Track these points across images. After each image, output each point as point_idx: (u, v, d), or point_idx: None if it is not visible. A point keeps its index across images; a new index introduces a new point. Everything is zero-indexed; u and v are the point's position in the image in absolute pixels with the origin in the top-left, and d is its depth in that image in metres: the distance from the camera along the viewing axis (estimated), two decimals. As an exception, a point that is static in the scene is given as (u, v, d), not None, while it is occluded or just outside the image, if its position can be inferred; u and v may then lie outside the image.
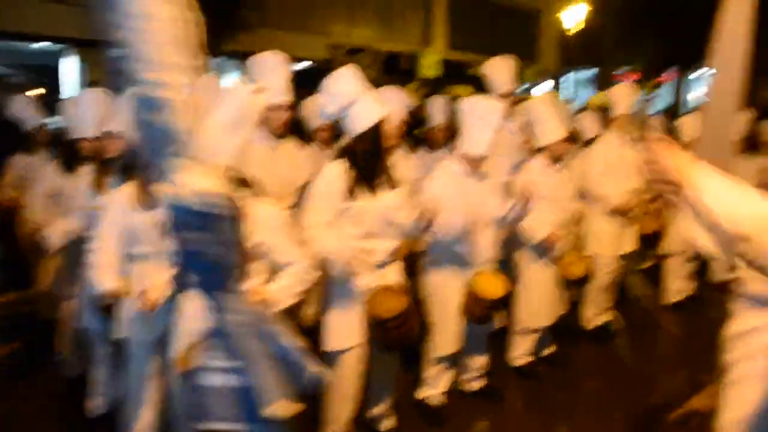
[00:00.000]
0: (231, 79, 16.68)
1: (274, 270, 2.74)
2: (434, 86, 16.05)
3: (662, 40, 19.87)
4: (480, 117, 3.84)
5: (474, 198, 3.90)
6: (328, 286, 3.50)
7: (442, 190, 3.83)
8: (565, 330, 5.28)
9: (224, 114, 2.42)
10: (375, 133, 3.31)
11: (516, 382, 4.74)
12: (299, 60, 16.41)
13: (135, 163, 3.28)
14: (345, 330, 3.42)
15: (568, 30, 19.76)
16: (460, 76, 16.55)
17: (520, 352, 4.84)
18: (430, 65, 18.53)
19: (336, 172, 3.32)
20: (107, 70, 14.97)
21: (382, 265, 3.45)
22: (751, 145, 6.31)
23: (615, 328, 5.82)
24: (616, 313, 5.94)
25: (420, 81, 17.98)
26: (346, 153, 3.38)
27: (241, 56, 4.19)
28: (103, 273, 3.14)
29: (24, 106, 5.60)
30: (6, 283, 6.73)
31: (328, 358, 3.43)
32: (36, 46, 14.66)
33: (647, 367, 5.06)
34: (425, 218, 3.47)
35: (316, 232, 3.23)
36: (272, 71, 3.96)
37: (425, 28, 19.69)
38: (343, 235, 3.28)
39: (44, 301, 4.99)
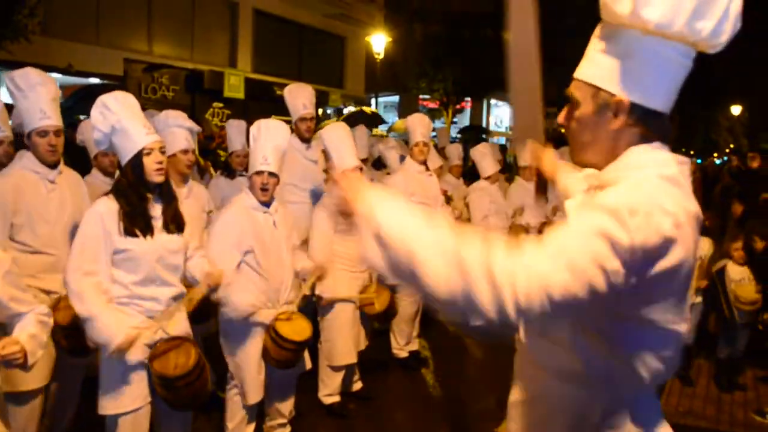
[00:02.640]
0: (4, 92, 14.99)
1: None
2: (238, 107, 15.65)
3: (461, 68, 21.25)
4: (262, 136, 3.63)
5: (267, 233, 3.66)
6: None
7: (232, 229, 3.55)
8: (373, 362, 5.17)
9: None
10: (138, 163, 2.92)
11: (326, 422, 4.53)
12: (91, 75, 15.15)
13: None
14: (126, 391, 2.95)
15: (378, 54, 20.38)
16: (266, 98, 16.29)
17: (329, 391, 4.63)
18: (234, 86, 18.05)
19: (105, 209, 2.90)
20: None
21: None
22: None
23: (423, 356, 5.83)
24: (422, 340, 5.97)
25: (224, 101, 17.48)
26: (115, 187, 2.97)
27: (19, 67, 3.56)
28: None
29: None
30: None
31: (107, 422, 2.98)
32: None
33: (457, 392, 5.10)
34: (214, 281, 3.24)
35: (78, 287, 2.82)
36: (36, 90, 3.43)
37: (231, 48, 19.19)
38: (119, 317, 2.88)
39: None
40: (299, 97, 5.31)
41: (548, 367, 1.61)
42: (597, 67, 1.50)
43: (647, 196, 1.36)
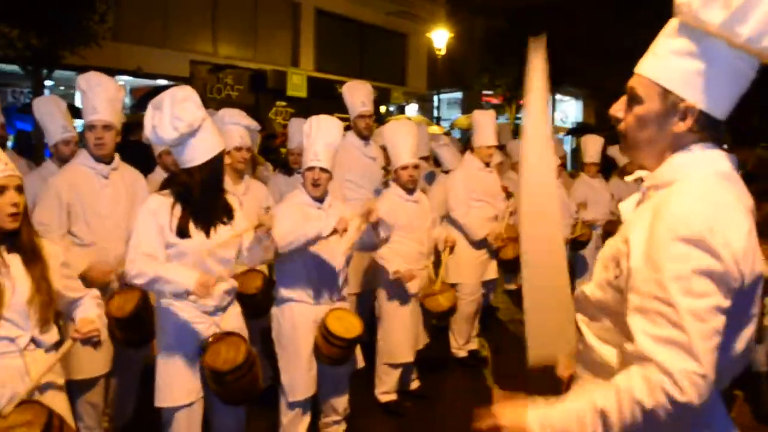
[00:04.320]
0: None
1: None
2: (301, 106, 15.82)
3: (525, 64, 20.82)
4: (315, 133, 3.60)
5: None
6: (158, 336, 3.09)
7: (288, 219, 3.51)
8: (431, 361, 5.10)
9: None
10: (214, 166, 2.95)
11: (382, 420, 4.49)
12: (158, 77, 15.61)
13: None
14: (180, 384, 2.99)
15: (439, 50, 20.24)
16: (328, 96, 16.39)
17: (386, 389, 4.59)
18: (297, 84, 18.25)
19: (157, 205, 2.94)
20: None
21: (217, 310, 3.08)
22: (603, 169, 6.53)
23: (483, 355, 5.72)
24: (482, 340, 5.87)
25: (287, 100, 17.72)
26: (175, 185, 2.98)
27: (88, 71, 3.73)
28: None
29: None
30: None
31: (162, 415, 3.04)
32: None
33: (516, 394, 4.97)
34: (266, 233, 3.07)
35: (136, 267, 2.84)
36: (93, 90, 3.59)
37: (293, 47, 19.42)
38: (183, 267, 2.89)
39: None
40: (357, 94, 5.30)
41: (611, 366, 1.54)
42: (669, 68, 1.46)
43: (711, 202, 1.35)
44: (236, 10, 17.76)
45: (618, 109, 1.59)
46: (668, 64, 1.46)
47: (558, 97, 29.35)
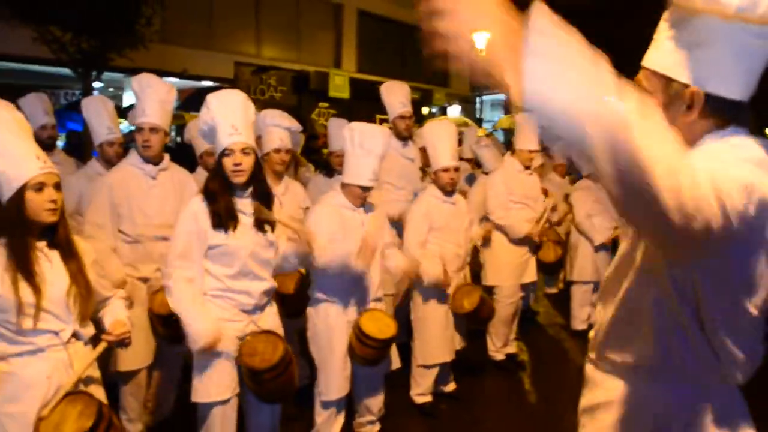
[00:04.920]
0: (128, 96, 16.05)
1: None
2: (343, 107, 15.90)
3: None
4: (361, 145, 3.60)
5: (357, 231, 3.63)
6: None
7: (325, 223, 3.55)
8: (468, 364, 5.08)
9: None
10: (219, 162, 3.03)
11: (417, 422, 4.48)
12: (203, 78, 15.90)
13: None
14: (216, 380, 3.05)
15: (482, 51, 20.08)
16: (370, 97, 16.45)
17: (421, 390, 4.59)
18: (339, 86, 18.37)
19: (198, 208, 3.01)
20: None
21: (255, 309, 3.12)
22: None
23: (521, 359, 5.68)
24: (521, 343, 5.81)
25: (329, 101, 17.83)
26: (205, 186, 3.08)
27: (136, 73, 3.84)
28: None
29: None
30: None
31: (199, 409, 3.11)
32: None
33: (554, 400, 4.92)
34: (304, 244, 3.16)
35: (171, 282, 2.96)
36: (145, 92, 3.68)
37: (335, 49, 19.55)
38: (206, 313, 2.98)
39: None
40: (396, 95, 5.31)
41: (624, 365, 1.50)
42: (668, 56, 1.38)
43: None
44: (279, 12, 17.98)
45: None
46: (667, 52, 1.38)
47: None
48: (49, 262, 2.41)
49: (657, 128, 1.10)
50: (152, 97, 3.69)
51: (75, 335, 2.48)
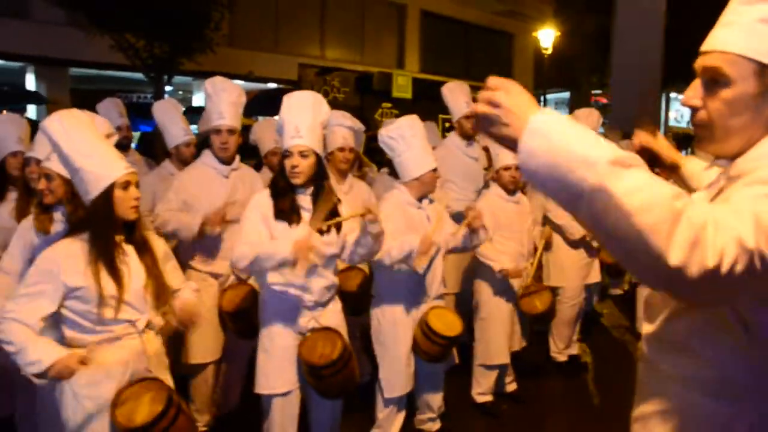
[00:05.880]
0: (197, 98, 16.55)
1: None
2: (406, 107, 15.93)
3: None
4: (404, 137, 3.64)
5: (422, 227, 3.67)
6: (260, 327, 3.25)
7: (391, 220, 3.58)
8: (530, 365, 5.05)
9: None
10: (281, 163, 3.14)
11: (477, 421, 4.48)
12: (269, 80, 16.25)
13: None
14: (277, 373, 3.15)
15: (546, 49, 19.84)
16: (433, 98, 16.46)
17: (482, 390, 4.59)
18: (402, 86, 18.44)
19: (263, 201, 3.12)
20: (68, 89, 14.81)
21: (316, 306, 3.19)
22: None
23: (583, 361, 5.59)
24: (584, 345, 5.73)
25: (392, 102, 17.92)
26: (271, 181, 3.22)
27: (206, 76, 4.00)
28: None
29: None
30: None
31: (262, 401, 3.23)
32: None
33: (616, 402, 4.82)
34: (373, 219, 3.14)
35: (239, 257, 3.02)
36: (219, 95, 3.80)
37: (399, 49, 19.63)
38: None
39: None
40: (460, 95, 5.33)
41: (678, 376, 1.40)
42: (763, 40, 1.25)
43: None
44: (343, 13, 18.21)
45: (693, 96, 1.36)
46: (761, 35, 1.25)
47: (672, 95, 28.01)
48: (127, 257, 2.54)
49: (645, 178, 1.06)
50: (227, 99, 3.81)
51: (149, 325, 2.62)
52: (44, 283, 2.43)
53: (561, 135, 1.11)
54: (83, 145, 2.45)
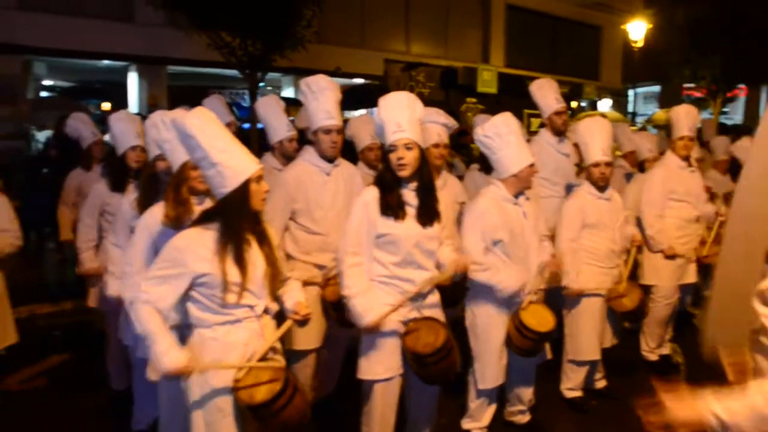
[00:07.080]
0: (285, 94, 17.05)
1: None
2: (491, 102, 15.89)
3: (731, 54, 19.12)
4: (500, 134, 3.71)
5: (518, 223, 3.75)
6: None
7: (487, 216, 3.69)
8: (620, 362, 5.04)
9: None
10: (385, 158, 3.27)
11: (566, 416, 4.54)
12: (355, 76, 16.53)
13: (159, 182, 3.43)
14: (380, 360, 3.31)
15: (635, 42, 19.29)
16: (518, 92, 16.31)
17: (571, 385, 4.64)
18: (487, 81, 18.34)
19: (369, 198, 3.26)
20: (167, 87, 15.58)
21: (418, 297, 3.32)
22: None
23: (675, 361, 5.52)
24: (675, 345, 5.65)
25: (477, 96, 17.85)
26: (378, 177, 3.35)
27: (296, 72, 4.19)
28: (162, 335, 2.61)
29: (81, 123, 5.73)
30: (62, 293, 6.89)
31: (363, 386, 3.39)
32: (102, 63, 15.29)
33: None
34: (460, 268, 3.36)
35: (344, 268, 3.25)
36: (324, 93, 3.92)
37: (483, 44, 19.54)
38: (373, 297, 3.25)
39: (97, 312, 5.03)
40: (551, 92, 5.36)
41: None
42: None
43: None
44: (428, 9, 18.32)
45: None
46: None
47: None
48: (250, 246, 2.74)
49: None
50: (333, 98, 3.92)
51: (265, 310, 2.82)
52: (174, 267, 2.61)
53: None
54: (219, 141, 2.61)
